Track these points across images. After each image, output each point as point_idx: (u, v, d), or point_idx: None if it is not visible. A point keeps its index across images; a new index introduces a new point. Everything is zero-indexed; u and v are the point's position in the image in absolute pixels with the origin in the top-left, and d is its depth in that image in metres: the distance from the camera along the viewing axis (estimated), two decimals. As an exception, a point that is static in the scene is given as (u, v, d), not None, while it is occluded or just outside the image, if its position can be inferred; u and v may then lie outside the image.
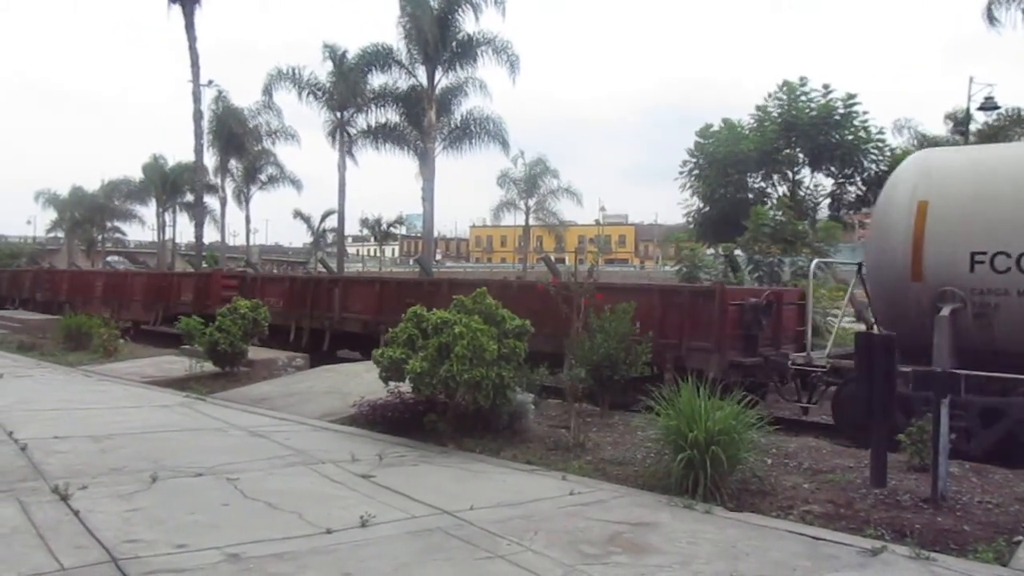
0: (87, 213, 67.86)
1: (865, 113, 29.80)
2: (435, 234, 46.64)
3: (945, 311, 9.39)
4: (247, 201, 53.96)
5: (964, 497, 6.31)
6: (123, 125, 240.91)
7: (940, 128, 36.46)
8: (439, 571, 4.62)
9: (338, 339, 17.32)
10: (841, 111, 29.68)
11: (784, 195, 29.45)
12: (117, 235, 75.83)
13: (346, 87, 37.47)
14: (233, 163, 50.58)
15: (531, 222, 66.80)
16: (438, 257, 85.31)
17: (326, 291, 17.76)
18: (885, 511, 5.96)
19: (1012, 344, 9.29)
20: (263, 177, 53.30)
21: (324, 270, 25.47)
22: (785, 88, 30.98)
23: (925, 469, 6.70)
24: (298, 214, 69.10)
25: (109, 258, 67.18)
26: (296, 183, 53.82)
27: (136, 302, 23.93)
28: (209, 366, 12.88)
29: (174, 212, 62.69)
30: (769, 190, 31.63)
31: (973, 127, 32.67)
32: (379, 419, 8.93)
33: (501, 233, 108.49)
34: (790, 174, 31.52)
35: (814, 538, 5.42)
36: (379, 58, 36.55)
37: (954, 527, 5.63)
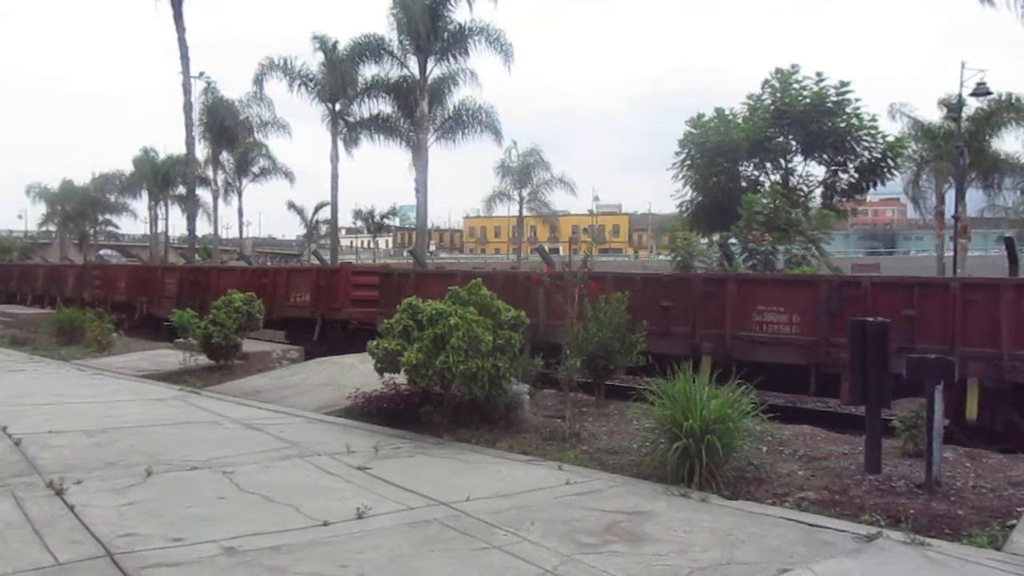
0: (78, 207, 67.45)
1: (858, 100, 29.74)
2: (429, 225, 46.50)
3: None
4: (239, 193, 53.77)
5: (958, 482, 6.35)
6: (113, 118, 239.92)
7: (935, 113, 36.50)
8: (436, 562, 4.62)
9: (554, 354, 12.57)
10: (834, 98, 29.61)
11: (776, 183, 29.42)
12: (110, 228, 75.41)
13: (337, 78, 37.24)
14: (225, 155, 50.32)
15: (525, 212, 66.67)
16: (432, 248, 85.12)
17: (522, 290, 13.46)
18: (880, 497, 5.99)
19: None
20: (255, 169, 53.04)
21: (318, 262, 25.36)
22: (778, 76, 30.91)
23: (919, 455, 6.74)
24: (291, 206, 68.90)
25: (102, 251, 66.76)
26: (288, 175, 53.67)
27: None
28: (203, 359, 12.85)
29: (166, 205, 62.43)
30: (762, 179, 31.60)
31: (966, 113, 32.68)
32: (375, 411, 8.93)
33: (495, 224, 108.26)
34: (782, 162, 31.49)
35: (809, 525, 5.45)
36: (370, 49, 36.33)
37: (948, 512, 5.67)
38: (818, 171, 31.60)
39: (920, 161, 35.30)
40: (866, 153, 30.09)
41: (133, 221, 72.63)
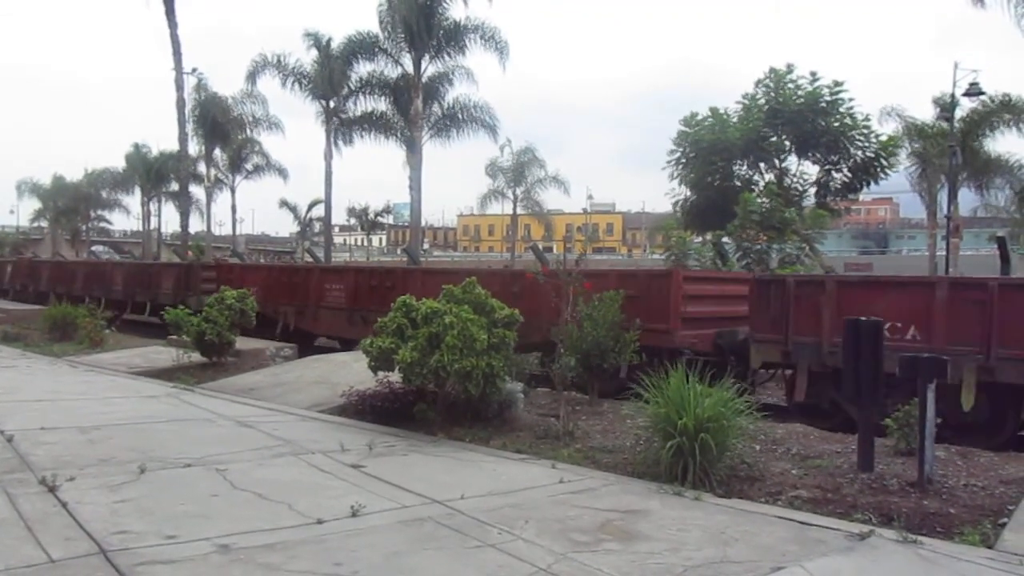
0: (70, 203, 67.26)
1: (851, 100, 29.91)
2: (423, 223, 46.49)
3: None
4: (233, 190, 53.69)
5: (950, 480, 6.38)
6: (105, 110, 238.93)
7: (928, 112, 36.62)
8: (430, 560, 4.62)
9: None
10: (827, 98, 29.74)
11: (771, 182, 29.53)
12: (102, 224, 75.20)
13: (331, 75, 37.17)
14: (218, 152, 50.21)
15: (519, 211, 66.68)
16: (426, 246, 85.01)
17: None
18: (872, 495, 6.02)
19: None
20: (248, 166, 53.02)
21: (312, 260, 25.09)
22: (772, 75, 31.02)
23: (911, 453, 6.76)
24: (284, 204, 68.79)
25: (94, 247, 66.55)
26: (282, 172, 53.65)
27: None
28: (196, 356, 12.81)
29: (159, 201, 62.18)
30: (756, 178, 31.71)
31: (959, 113, 32.81)
32: (368, 409, 8.92)
33: (489, 222, 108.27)
34: (776, 162, 31.60)
35: (802, 523, 5.47)
36: (364, 46, 36.27)
37: (940, 510, 5.70)
38: (812, 170, 31.75)
39: (926, 157, 35.37)
40: (859, 153, 30.23)
41: (125, 217, 72.40)
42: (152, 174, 57.79)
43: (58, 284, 26.80)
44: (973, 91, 30.20)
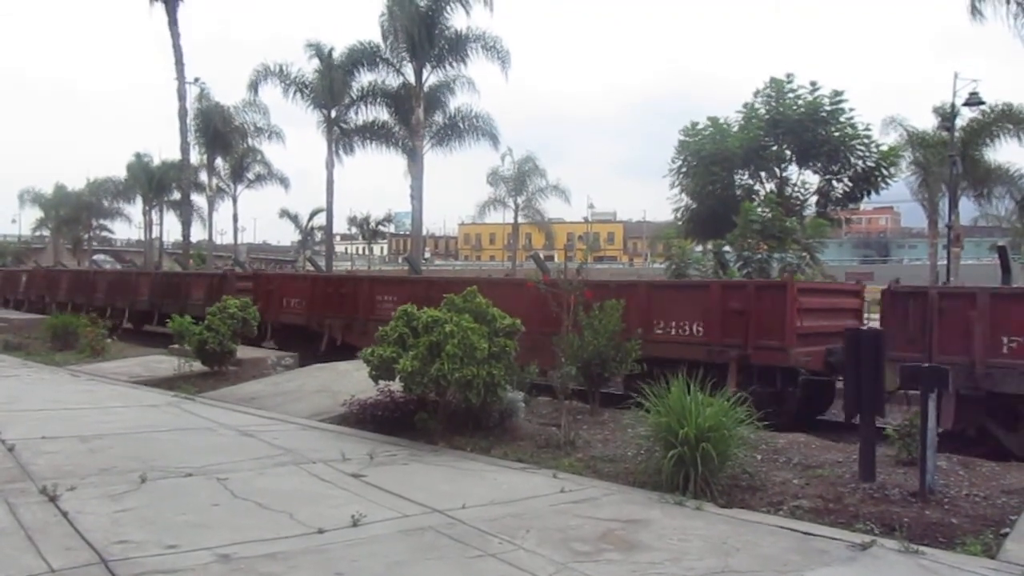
0: (72, 212, 67.39)
1: (852, 109, 29.96)
2: (424, 232, 46.54)
3: None
4: (234, 199, 53.75)
5: (952, 490, 6.37)
6: (107, 122, 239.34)
7: (929, 120, 36.70)
8: (431, 570, 4.61)
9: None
10: (828, 108, 29.79)
11: (771, 192, 29.56)
12: (104, 233, 75.30)
13: (333, 85, 37.32)
14: (220, 161, 50.32)
15: (520, 219, 66.72)
16: (427, 255, 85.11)
17: None
18: (874, 505, 6.01)
19: None
20: (250, 175, 53.05)
21: (313, 268, 24.87)
22: (772, 85, 31.09)
23: (913, 463, 6.75)
24: (284, 214, 68.87)
25: (96, 256, 66.67)
26: (284, 181, 53.68)
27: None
28: (198, 365, 12.82)
29: (161, 210, 62.30)
30: (757, 187, 31.74)
31: (960, 122, 32.87)
32: (369, 418, 8.92)
33: (490, 230, 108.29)
34: (777, 171, 31.64)
35: (804, 533, 5.46)
36: (366, 56, 36.47)
37: (942, 520, 5.69)
38: (812, 180, 31.78)
39: (927, 166, 35.45)
40: (860, 162, 30.26)
41: (127, 226, 72.59)
42: (154, 183, 57.90)
43: (78, 294, 25.96)
44: (973, 101, 30.25)
